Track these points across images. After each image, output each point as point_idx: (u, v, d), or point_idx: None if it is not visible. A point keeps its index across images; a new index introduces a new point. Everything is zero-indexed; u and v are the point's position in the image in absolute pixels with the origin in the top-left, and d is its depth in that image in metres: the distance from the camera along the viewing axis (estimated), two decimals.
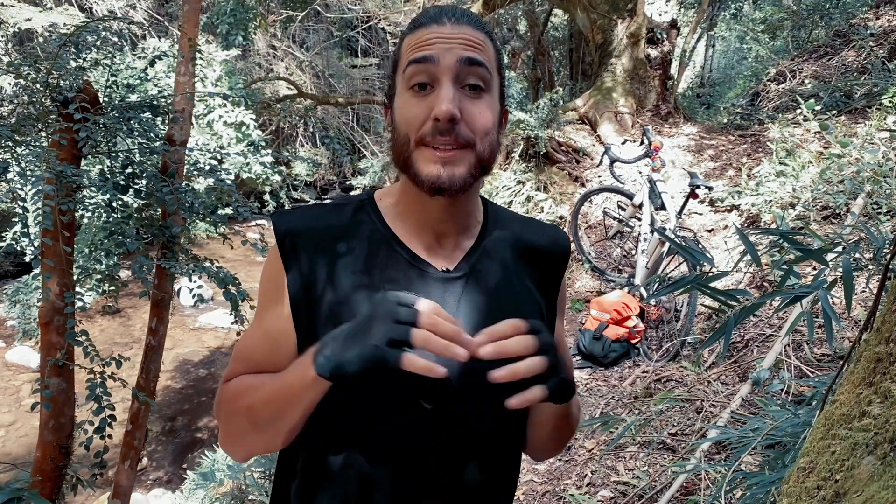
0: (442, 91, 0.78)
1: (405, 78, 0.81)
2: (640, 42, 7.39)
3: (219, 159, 3.08)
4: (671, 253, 3.83)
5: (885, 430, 0.85)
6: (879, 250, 1.33)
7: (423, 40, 0.80)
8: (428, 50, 0.79)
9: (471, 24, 0.82)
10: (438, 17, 0.82)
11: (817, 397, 1.78)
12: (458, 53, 0.79)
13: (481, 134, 0.81)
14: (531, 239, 0.96)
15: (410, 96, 0.80)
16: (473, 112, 0.80)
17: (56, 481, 2.50)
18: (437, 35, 0.80)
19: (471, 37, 0.81)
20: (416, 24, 0.83)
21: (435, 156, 0.79)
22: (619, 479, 2.64)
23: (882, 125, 4.64)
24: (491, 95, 0.82)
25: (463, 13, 0.83)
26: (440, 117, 0.77)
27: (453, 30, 0.80)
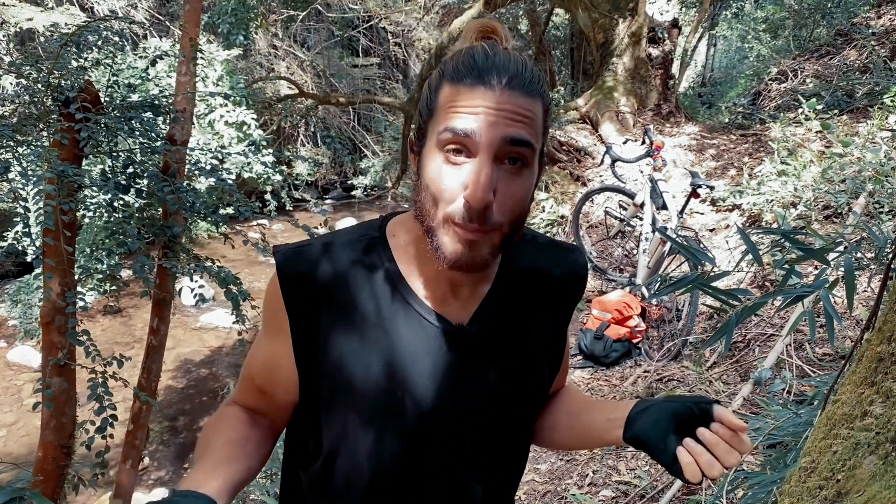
0: (478, 173, 0.70)
1: (440, 139, 0.72)
2: (642, 41, 7.39)
3: (220, 159, 3.08)
4: (672, 252, 3.83)
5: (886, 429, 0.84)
6: (881, 250, 1.33)
7: (466, 105, 0.71)
8: (470, 121, 0.70)
9: (522, 89, 0.71)
10: (488, 76, 0.71)
11: (819, 397, 1.78)
12: (503, 131, 0.70)
13: (511, 215, 0.74)
14: (549, 269, 0.92)
15: (443, 161, 0.73)
16: (508, 193, 0.73)
17: (58, 481, 2.51)
18: (482, 103, 0.70)
19: (520, 108, 0.71)
20: (459, 75, 0.72)
21: (459, 235, 0.73)
22: (621, 479, 2.64)
23: (884, 124, 4.63)
24: (530, 169, 0.75)
25: (517, 72, 0.72)
26: (473, 205, 0.70)
27: (502, 98, 0.70)
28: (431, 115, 0.76)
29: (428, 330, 0.82)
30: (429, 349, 0.82)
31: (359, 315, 0.81)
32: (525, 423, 0.94)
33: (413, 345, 0.81)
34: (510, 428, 0.90)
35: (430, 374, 0.82)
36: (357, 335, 0.81)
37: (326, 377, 0.82)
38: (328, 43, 12.86)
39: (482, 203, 0.70)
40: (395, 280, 0.82)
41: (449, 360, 0.82)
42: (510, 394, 0.87)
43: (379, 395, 0.81)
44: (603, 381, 3.60)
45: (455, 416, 0.84)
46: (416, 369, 0.81)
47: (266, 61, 11.92)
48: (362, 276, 0.82)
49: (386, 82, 13.76)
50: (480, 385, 0.85)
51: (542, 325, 0.91)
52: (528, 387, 0.91)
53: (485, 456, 0.88)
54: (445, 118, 0.72)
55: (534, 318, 0.90)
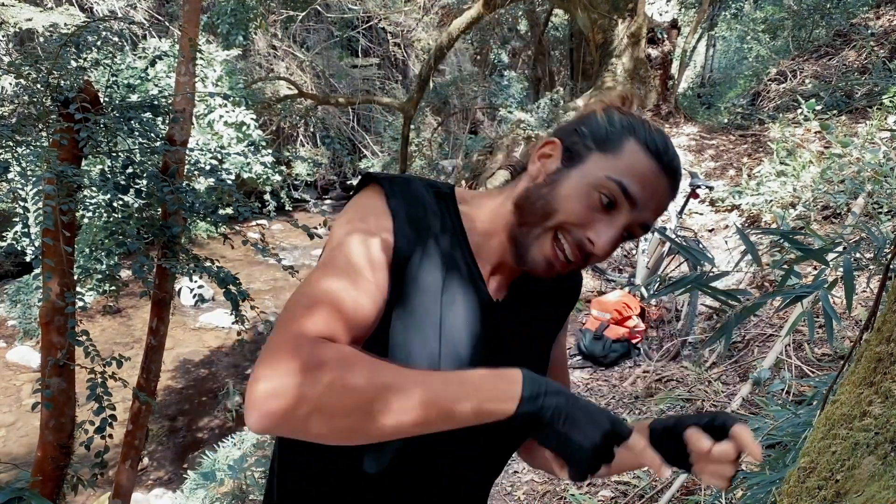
0: (613, 232, 0.78)
1: (601, 181, 0.77)
2: (641, 42, 7.39)
3: (219, 159, 3.08)
4: (672, 253, 3.83)
5: (885, 429, 0.85)
6: (880, 250, 1.33)
7: (644, 177, 0.78)
8: (640, 193, 0.78)
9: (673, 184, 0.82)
10: (670, 170, 0.80)
11: (818, 397, 1.78)
12: (646, 216, 0.80)
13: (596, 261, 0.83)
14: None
15: (589, 195, 0.78)
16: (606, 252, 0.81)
17: (57, 481, 2.50)
18: (653, 185, 0.79)
19: (664, 202, 0.82)
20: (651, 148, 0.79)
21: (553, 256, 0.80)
22: (620, 479, 2.64)
23: (883, 125, 4.63)
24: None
25: (677, 168, 0.82)
26: (593, 252, 0.79)
27: (666, 190, 0.81)
28: (603, 150, 0.79)
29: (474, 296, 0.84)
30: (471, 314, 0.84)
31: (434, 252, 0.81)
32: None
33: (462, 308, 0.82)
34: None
35: (468, 339, 0.83)
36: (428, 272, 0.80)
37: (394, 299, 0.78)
38: (327, 43, 12.86)
39: (602, 256, 0.80)
40: (460, 240, 0.84)
41: (486, 330, 0.85)
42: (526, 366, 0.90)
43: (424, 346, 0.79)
44: (602, 381, 3.60)
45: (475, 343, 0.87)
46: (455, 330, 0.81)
47: (265, 62, 11.91)
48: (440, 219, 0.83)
49: (385, 83, 13.76)
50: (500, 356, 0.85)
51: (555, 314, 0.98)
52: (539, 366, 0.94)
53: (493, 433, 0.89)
54: (622, 170, 0.77)
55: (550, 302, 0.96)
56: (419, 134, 10.44)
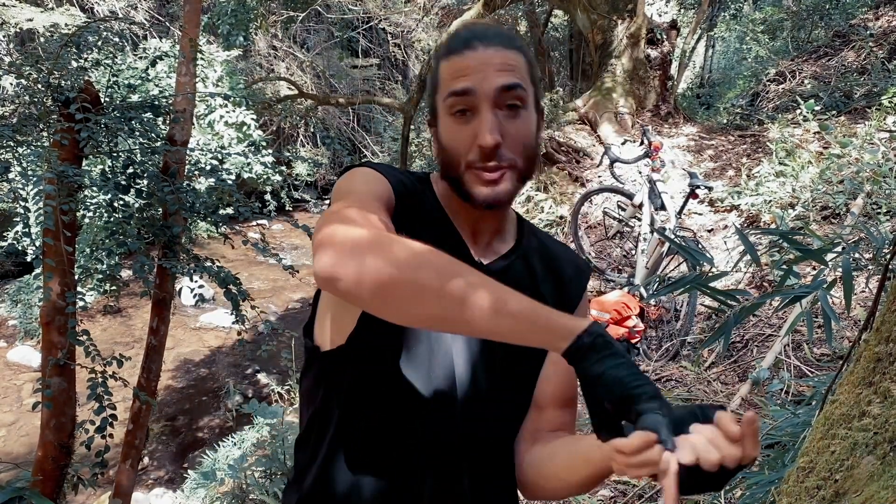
0: (483, 120, 0.82)
1: (447, 105, 0.85)
2: (640, 42, 7.40)
3: (220, 159, 3.09)
4: (671, 253, 3.84)
5: (884, 429, 0.85)
6: (879, 250, 1.34)
7: (459, 69, 0.84)
8: (465, 81, 0.83)
9: (503, 44, 0.85)
10: (471, 41, 0.84)
11: (817, 397, 1.78)
12: (494, 81, 0.82)
13: (521, 150, 0.85)
14: (559, 256, 1.01)
15: (453, 122, 0.85)
16: (513, 132, 0.84)
17: (57, 480, 2.51)
18: (470, 64, 0.83)
19: (504, 60, 0.84)
20: (449, 50, 0.86)
21: (481, 178, 0.84)
22: (619, 479, 2.65)
23: (882, 125, 4.64)
24: (528, 110, 0.86)
25: (495, 34, 0.86)
26: (484, 145, 0.82)
27: (486, 55, 0.83)
28: (436, 91, 0.89)
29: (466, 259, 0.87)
30: None
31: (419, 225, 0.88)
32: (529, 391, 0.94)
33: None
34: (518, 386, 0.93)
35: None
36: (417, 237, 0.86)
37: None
38: (328, 44, 12.86)
39: (491, 143, 0.81)
40: (440, 211, 0.93)
41: None
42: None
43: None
44: None
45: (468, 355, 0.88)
46: None
47: (266, 62, 11.91)
48: (421, 197, 0.93)
49: (385, 83, 13.76)
50: None
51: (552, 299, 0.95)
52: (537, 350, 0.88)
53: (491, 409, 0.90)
54: (447, 87, 0.85)
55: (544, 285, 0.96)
56: (419, 134, 10.44)
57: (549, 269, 0.98)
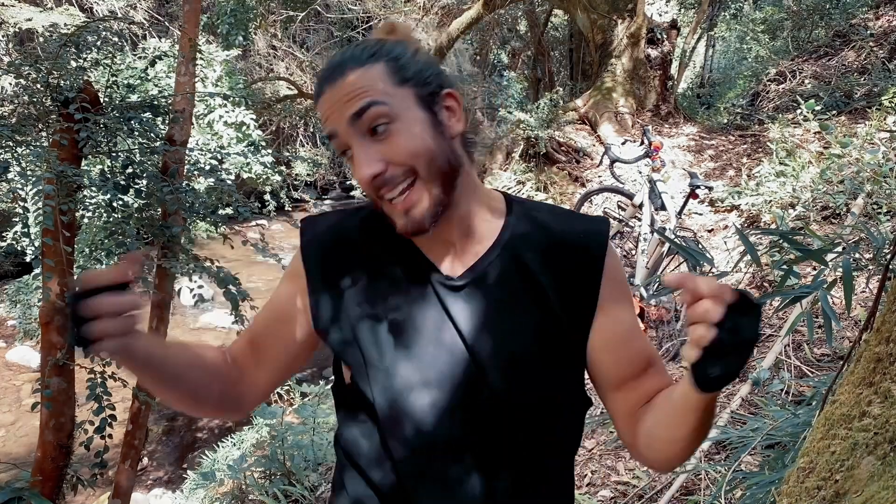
0: (354, 158, 0.80)
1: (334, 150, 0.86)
2: (640, 42, 7.39)
3: (219, 159, 3.08)
4: (671, 253, 3.83)
5: (884, 430, 0.85)
6: (879, 250, 1.34)
7: (322, 116, 0.82)
8: (328, 126, 0.81)
9: (348, 70, 0.79)
10: (322, 86, 0.82)
11: (817, 397, 1.78)
12: (345, 114, 0.78)
13: (411, 158, 0.79)
14: (562, 234, 0.89)
15: (348, 162, 0.83)
16: (391, 149, 0.78)
17: (56, 481, 2.50)
18: (327, 105, 0.81)
19: (349, 88, 0.79)
20: (316, 93, 0.84)
21: (394, 210, 0.82)
22: (619, 479, 2.64)
23: (882, 125, 4.64)
24: (401, 119, 0.79)
25: (338, 64, 0.81)
26: (365, 183, 0.80)
27: (332, 94, 0.80)
28: None
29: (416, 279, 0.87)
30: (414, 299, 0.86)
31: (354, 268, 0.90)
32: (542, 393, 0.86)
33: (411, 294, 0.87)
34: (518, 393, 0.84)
35: (420, 323, 0.85)
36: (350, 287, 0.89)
37: (325, 325, 0.90)
38: (327, 43, 12.86)
39: (368, 179, 0.79)
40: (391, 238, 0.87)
41: (442, 310, 0.85)
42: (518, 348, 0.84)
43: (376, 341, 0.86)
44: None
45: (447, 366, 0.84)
46: (410, 318, 0.86)
47: (265, 62, 11.91)
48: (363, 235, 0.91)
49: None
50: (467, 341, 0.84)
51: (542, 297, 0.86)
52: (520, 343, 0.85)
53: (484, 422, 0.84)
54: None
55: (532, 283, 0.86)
56: None
57: (548, 256, 0.87)
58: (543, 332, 0.86)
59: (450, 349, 0.84)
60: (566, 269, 0.87)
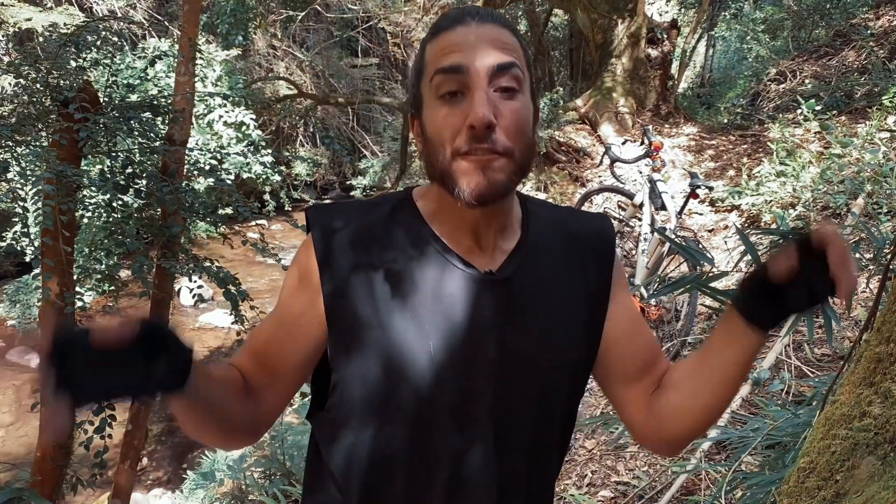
0: (475, 98, 0.73)
1: (433, 87, 0.76)
2: (641, 42, 7.39)
3: (219, 159, 3.08)
4: (671, 253, 3.83)
5: (885, 430, 0.84)
6: (880, 250, 1.33)
7: (448, 46, 0.75)
8: (455, 57, 0.74)
9: (496, 22, 0.77)
10: (462, 17, 0.77)
11: (818, 397, 1.78)
12: (489, 58, 0.73)
13: (518, 137, 0.75)
14: (577, 229, 0.90)
15: (441, 105, 0.75)
16: (508, 115, 0.74)
17: (56, 481, 2.50)
18: (462, 38, 0.75)
19: (499, 36, 0.76)
20: (438, 29, 0.78)
21: (472, 164, 0.74)
22: (620, 480, 2.64)
23: (882, 125, 4.63)
24: (524, 94, 0.77)
25: (487, 12, 0.78)
26: (476, 124, 0.72)
27: (479, 30, 0.75)
28: (421, 77, 0.79)
29: (456, 276, 0.81)
30: (460, 295, 0.81)
31: (386, 266, 0.82)
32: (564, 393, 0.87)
33: (442, 295, 0.81)
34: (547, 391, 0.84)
35: (460, 321, 0.80)
36: (384, 287, 0.81)
37: (356, 328, 0.81)
38: (327, 43, 12.85)
39: (485, 120, 0.71)
40: (422, 233, 0.83)
41: (480, 306, 0.81)
42: (546, 347, 0.83)
43: (408, 342, 0.80)
44: None
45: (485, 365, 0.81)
46: (445, 319, 0.80)
47: (265, 61, 11.91)
48: (390, 230, 0.84)
49: (385, 83, 13.75)
50: (514, 334, 0.82)
51: (580, 282, 0.87)
52: (566, 345, 0.85)
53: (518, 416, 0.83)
54: (433, 66, 0.76)
55: (568, 271, 0.87)
56: None
57: (571, 252, 0.88)
58: (577, 337, 0.86)
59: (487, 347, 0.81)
60: (587, 268, 0.88)
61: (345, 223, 0.83)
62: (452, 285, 0.81)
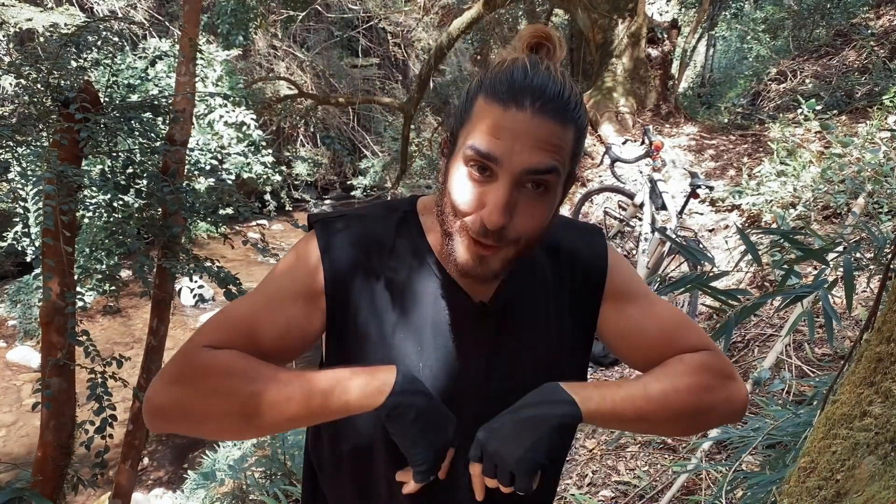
0: (497, 198, 0.71)
1: (465, 154, 0.73)
2: (641, 42, 7.39)
3: (219, 159, 3.09)
4: (672, 253, 3.83)
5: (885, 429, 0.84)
6: (880, 250, 1.34)
7: (493, 126, 0.71)
8: (494, 145, 0.70)
9: (556, 114, 0.71)
10: (522, 98, 0.70)
11: (818, 397, 1.78)
12: (527, 160, 0.70)
13: (529, 233, 0.75)
14: (568, 247, 0.91)
15: (467, 175, 0.74)
16: (527, 214, 0.74)
17: (57, 481, 2.51)
18: (511, 127, 0.70)
19: (549, 136, 0.71)
20: (495, 91, 0.72)
21: (472, 248, 0.74)
22: (620, 479, 2.64)
23: (883, 125, 4.63)
24: (554, 192, 0.76)
25: (553, 96, 0.70)
26: (488, 226, 0.72)
27: (531, 124, 0.70)
28: (463, 125, 0.76)
29: (452, 305, 0.83)
30: (454, 324, 0.83)
31: (389, 284, 0.83)
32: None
33: (439, 318, 0.83)
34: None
35: (452, 347, 0.83)
36: (385, 304, 0.83)
37: (351, 339, 0.83)
38: (327, 43, 12.85)
39: (497, 225, 0.71)
40: (424, 254, 0.84)
41: (472, 335, 0.83)
42: (536, 373, 0.85)
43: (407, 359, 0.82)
44: (603, 380, 3.60)
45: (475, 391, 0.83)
46: (439, 342, 0.83)
47: (265, 62, 11.91)
48: (395, 247, 0.84)
49: (385, 83, 13.75)
50: (503, 362, 0.84)
51: (564, 312, 0.89)
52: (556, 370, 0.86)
53: None
54: (474, 133, 0.72)
55: (554, 299, 0.88)
56: (419, 134, 10.45)
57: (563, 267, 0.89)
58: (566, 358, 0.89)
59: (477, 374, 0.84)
60: (576, 287, 0.89)
61: (352, 240, 0.83)
62: (449, 314, 0.83)
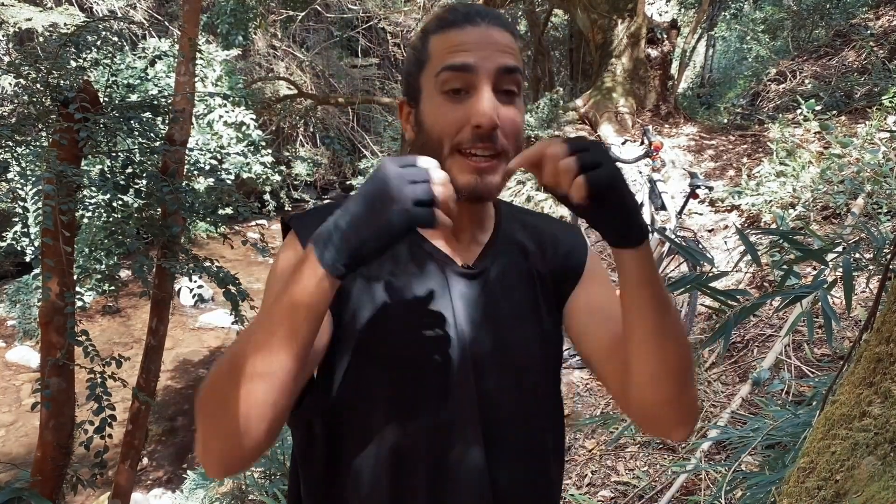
0: (483, 98, 0.77)
1: (438, 82, 0.79)
2: (641, 42, 7.39)
3: (219, 159, 3.09)
4: (671, 253, 3.83)
5: (885, 430, 0.84)
6: (879, 250, 1.34)
7: (457, 44, 0.79)
8: (465, 56, 0.78)
9: (503, 27, 0.81)
10: (471, 17, 0.80)
11: (817, 397, 1.78)
12: (497, 61, 0.78)
13: (513, 141, 0.80)
14: (546, 228, 0.96)
15: (444, 101, 0.79)
16: (508, 118, 0.79)
17: (56, 481, 2.50)
18: (472, 39, 0.78)
19: (506, 41, 0.80)
20: (446, 24, 0.81)
21: (471, 165, 0.78)
22: (620, 479, 2.64)
23: (882, 125, 4.63)
24: (520, 100, 0.82)
25: (494, 15, 0.82)
26: (483, 123, 0.76)
27: (488, 32, 0.79)
28: (423, 68, 0.82)
29: (437, 269, 0.85)
30: (439, 289, 0.84)
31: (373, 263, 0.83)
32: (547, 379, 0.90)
33: (424, 285, 0.84)
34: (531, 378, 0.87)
35: (438, 313, 0.84)
36: (373, 280, 0.84)
37: (345, 321, 0.83)
38: (327, 43, 12.85)
39: (491, 122, 0.76)
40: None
41: (457, 298, 0.84)
42: (524, 338, 0.87)
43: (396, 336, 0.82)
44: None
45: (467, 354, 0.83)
46: (426, 309, 0.83)
47: (265, 61, 11.91)
48: None
49: (385, 83, 13.75)
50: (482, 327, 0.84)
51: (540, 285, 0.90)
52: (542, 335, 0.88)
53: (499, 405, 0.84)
54: (441, 61, 0.79)
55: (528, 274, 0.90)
56: None
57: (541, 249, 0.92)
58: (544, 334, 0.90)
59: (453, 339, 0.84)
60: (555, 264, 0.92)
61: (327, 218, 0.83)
62: (435, 279, 0.84)
